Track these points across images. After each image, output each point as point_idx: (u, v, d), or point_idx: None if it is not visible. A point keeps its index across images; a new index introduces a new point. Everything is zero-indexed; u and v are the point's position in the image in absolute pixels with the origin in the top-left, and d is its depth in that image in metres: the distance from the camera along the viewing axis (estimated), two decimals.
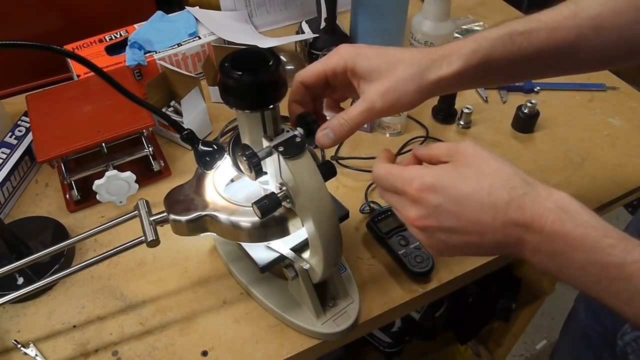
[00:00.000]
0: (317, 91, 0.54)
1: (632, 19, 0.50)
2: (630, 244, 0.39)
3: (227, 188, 0.59)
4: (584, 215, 0.40)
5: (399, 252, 0.67)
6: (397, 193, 0.47)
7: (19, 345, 0.61)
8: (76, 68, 0.87)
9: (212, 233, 0.57)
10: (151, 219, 0.56)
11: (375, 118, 0.49)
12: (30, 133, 0.80)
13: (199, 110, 0.83)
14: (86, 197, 0.76)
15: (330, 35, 0.96)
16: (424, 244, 0.47)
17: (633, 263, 0.38)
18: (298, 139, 0.50)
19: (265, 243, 0.58)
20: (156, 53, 0.90)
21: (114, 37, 0.93)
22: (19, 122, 0.83)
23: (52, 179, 0.81)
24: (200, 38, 0.94)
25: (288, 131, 0.51)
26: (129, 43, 0.90)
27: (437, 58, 0.49)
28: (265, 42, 0.93)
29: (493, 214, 0.42)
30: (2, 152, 0.78)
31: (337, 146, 0.85)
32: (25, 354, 0.61)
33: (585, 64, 0.53)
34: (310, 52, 0.97)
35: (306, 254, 0.58)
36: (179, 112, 0.86)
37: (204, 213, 0.55)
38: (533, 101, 0.85)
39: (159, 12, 0.98)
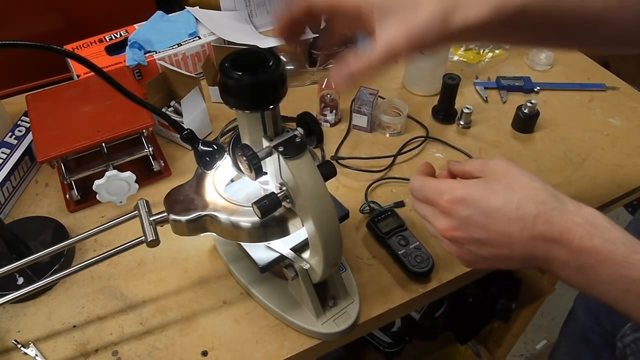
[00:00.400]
0: (318, 19, 0.51)
1: None
2: None
3: (227, 188, 0.59)
4: (613, 231, 0.41)
5: (399, 252, 0.67)
6: (429, 204, 0.48)
7: (19, 345, 0.61)
8: (76, 68, 0.87)
9: (212, 233, 0.57)
10: (151, 219, 0.56)
11: (394, 61, 0.45)
12: (30, 133, 0.80)
13: (199, 110, 0.83)
14: (86, 197, 0.76)
15: None
16: (454, 255, 0.48)
17: None
18: (298, 139, 0.50)
19: (265, 243, 0.58)
20: (156, 53, 0.90)
21: (114, 37, 0.93)
22: (19, 122, 0.83)
23: (52, 179, 0.81)
24: (200, 38, 0.94)
25: (288, 131, 0.51)
26: (129, 43, 0.90)
27: (463, 2, 0.44)
28: (265, 42, 0.93)
29: (521, 227, 0.43)
30: (2, 152, 0.78)
31: (337, 146, 0.85)
32: (25, 354, 0.61)
33: (609, 39, 0.51)
34: (310, 52, 0.97)
35: (306, 254, 0.58)
36: (179, 112, 0.86)
37: (204, 213, 0.55)
38: (533, 101, 0.85)
39: (159, 12, 0.98)
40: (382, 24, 0.44)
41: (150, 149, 0.78)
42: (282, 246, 0.58)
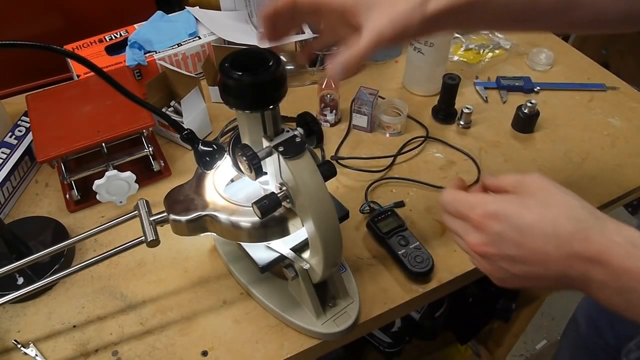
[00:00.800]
0: (303, 18, 0.53)
1: None
2: None
3: (227, 188, 0.59)
4: None
5: (399, 252, 0.67)
6: (461, 218, 0.47)
7: (19, 345, 0.61)
8: (76, 68, 0.87)
9: (212, 233, 0.57)
10: (151, 219, 0.56)
11: (382, 47, 0.48)
12: (30, 133, 0.80)
13: (199, 110, 0.83)
14: (86, 197, 0.76)
15: None
16: (485, 272, 0.47)
17: None
18: (298, 139, 0.49)
19: (265, 243, 0.58)
20: (156, 53, 0.90)
21: (114, 37, 0.93)
22: (19, 122, 0.83)
23: (52, 179, 0.81)
24: (200, 38, 0.94)
25: (288, 131, 0.51)
26: (129, 43, 0.90)
27: None
28: (265, 42, 0.93)
29: (556, 245, 0.41)
30: (2, 152, 0.78)
31: (337, 146, 0.85)
32: (25, 354, 0.61)
33: (582, 20, 0.51)
34: None
35: (306, 254, 0.58)
36: (179, 112, 0.86)
37: (204, 213, 0.55)
38: (533, 101, 0.85)
39: (159, 12, 0.98)
40: (368, 16, 0.47)
41: (150, 149, 0.78)
42: (282, 246, 0.58)
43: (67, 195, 0.77)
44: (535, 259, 0.42)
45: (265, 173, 0.52)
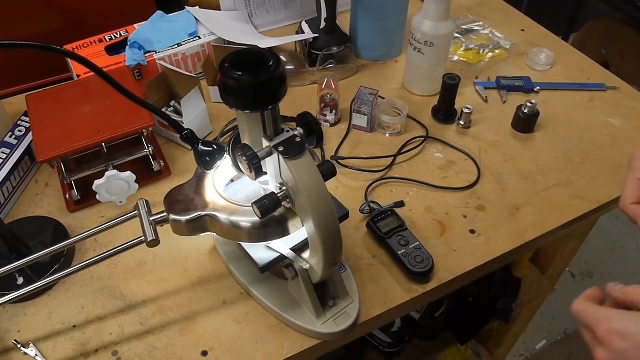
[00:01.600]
0: None
1: None
2: None
3: (227, 188, 0.59)
4: None
5: (399, 252, 0.67)
6: (589, 330, 0.48)
7: (19, 345, 0.61)
8: (76, 68, 0.87)
9: (212, 233, 0.57)
10: (151, 219, 0.56)
11: None
12: (30, 133, 0.80)
13: (199, 110, 0.83)
14: (86, 197, 0.76)
15: (330, 35, 0.96)
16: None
17: None
18: (298, 139, 0.49)
19: (265, 243, 0.58)
20: (156, 53, 0.90)
21: (114, 37, 0.93)
22: (19, 122, 0.83)
23: (52, 179, 0.81)
24: (200, 38, 0.94)
25: (288, 131, 0.51)
26: (129, 43, 0.90)
27: None
28: (265, 42, 0.93)
29: None
30: (2, 152, 0.78)
31: (337, 146, 0.85)
32: (25, 354, 0.61)
33: None
34: (310, 52, 0.97)
35: (306, 254, 0.58)
36: (179, 112, 0.86)
37: (204, 213, 0.55)
38: (533, 101, 0.85)
39: (159, 12, 0.98)
40: None
41: (150, 149, 0.78)
42: (282, 246, 0.58)
43: (67, 195, 0.77)
44: None
45: (265, 173, 0.52)
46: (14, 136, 0.81)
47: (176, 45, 0.92)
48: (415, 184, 0.79)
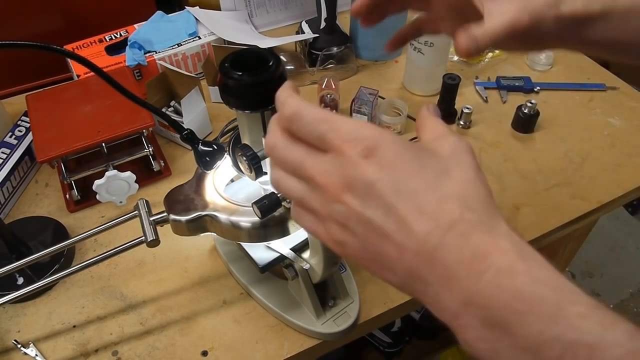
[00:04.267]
0: None
1: None
2: (608, 317, 0.27)
3: (227, 188, 0.59)
4: (546, 270, 0.28)
5: None
6: (314, 143, 0.33)
7: (19, 345, 0.61)
8: (76, 68, 0.87)
9: (212, 233, 0.57)
10: (151, 219, 0.56)
11: (514, 36, 0.43)
12: (30, 133, 0.80)
13: (199, 110, 0.83)
14: (86, 197, 0.76)
15: (330, 35, 0.96)
16: (318, 234, 0.34)
17: (615, 346, 0.26)
18: None
19: (265, 243, 0.58)
20: (156, 53, 0.90)
21: (114, 37, 0.93)
22: (19, 122, 0.83)
23: (52, 179, 0.81)
24: (200, 38, 0.94)
25: None
26: (129, 43, 0.90)
27: None
28: (265, 42, 0.93)
29: (428, 229, 0.29)
30: (2, 152, 0.78)
31: None
32: (25, 354, 0.61)
33: None
34: (310, 52, 0.97)
35: (306, 254, 0.58)
36: (179, 112, 0.86)
37: (204, 213, 0.55)
38: (533, 101, 0.85)
39: (159, 12, 0.98)
40: (498, 1, 0.44)
41: (150, 149, 0.78)
42: (282, 246, 0.58)
43: (67, 195, 0.77)
44: (396, 236, 0.30)
45: (265, 173, 0.52)
46: (14, 136, 0.81)
47: (176, 45, 0.92)
48: None
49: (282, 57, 0.86)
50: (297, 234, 0.56)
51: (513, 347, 0.27)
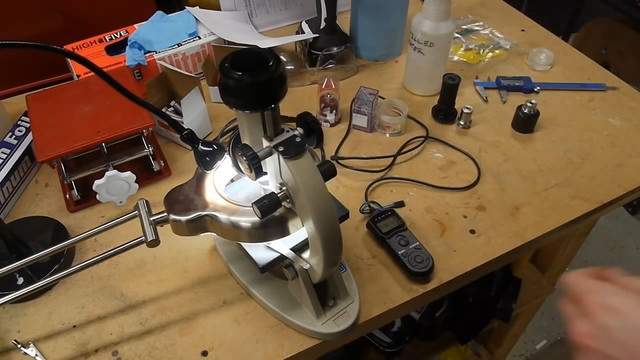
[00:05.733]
0: None
1: None
2: None
3: (227, 188, 0.59)
4: None
5: (399, 252, 0.67)
6: (575, 302, 0.43)
7: (19, 345, 0.61)
8: (76, 68, 0.87)
9: (212, 233, 0.57)
10: (151, 219, 0.56)
11: None
12: (30, 133, 0.80)
13: (199, 110, 0.83)
14: (86, 197, 0.76)
15: (330, 35, 0.96)
16: (574, 335, 0.42)
17: None
18: (298, 139, 0.49)
19: (265, 243, 0.58)
20: (156, 53, 0.90)
21: (114, 37, 0.93)
22: (19, 122, 0.83)
23: (52, 179, 0.81)
24: (200, 38, 0.94)
25: (288, 131, 0.51)
26: (129, 43, 0.90)
27: None
28: (265, 42, 0.93)
29: None
30: (2, 152, 0.78)
31: (337, 146, 0.85)
32: (25, 354, 0.61)
33: None
34: (310, 52, 0.97)
35: (306, 254, 0.58)
36: (179, 112, 0.86)
37: (204, 213, 0.55)
38: (533, 101, 0.85)
39: (159, 12, 0.98)
40: None
41: (150, 149, 0.78)
42: (282, 246, 0.58)
43: (67, 195, 0.77)
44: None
45: (265, 173, 0.52)
46: (14, 136, 0.81)
47: (176, 45, 0.92)
48: (415, 184, 0.79)
49: (282, 57, 0.86)
50: (297, 234, 0.56)
51: None
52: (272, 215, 0.52)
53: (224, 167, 0.57)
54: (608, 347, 0.38)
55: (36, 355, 0.60)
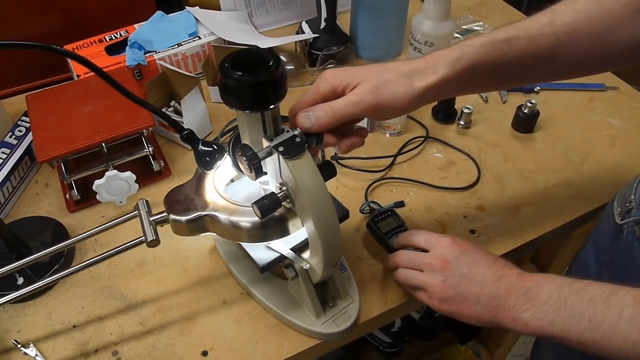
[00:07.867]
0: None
1: (605, 26, 0.51)
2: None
3: (227, 188, 0.59)
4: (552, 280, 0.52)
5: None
6: (418, 267, 0.60)
7: (19, 345, 0.61)
8: (76, 68, 0.87)
9: (212, 233, 0.57)
10: (151, 219, 0.56)
11: (364, 113, 0.51)
12: (30, 133, 0.80)
13: (199, 110, 0.83)
14: (86, 197, 0.76)
15: (330, 35, 0.96)
16: (433, 289, 0.57)
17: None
18: (298, 139, 0.50)
19: (265, 243, 0.58)
20: (156, 53, 0.90)
21: (114, 37, 0.93)
22: (19, 122, 0.83)
23: (52, 179, 0.81)
24: (200, 38, 0.94)
25: (288, 131, 0.51)
26: (129, 43, 0.90)
27: (422, 68, 0.51)
28: (265, 42, 0.93)
29: (493, 269, 0.55)
30: (2, 152, 0.78)
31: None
32: (25, 354, 0.61)
33: (563, 69, 0.56)
34: (310, 52, 0.97)
35: (306, 254, 0.58)
36: (179, 112, 0.86)
37: (204, 213, 0.55)
38: (533, 101, 0.85)
39: (159, 12, 0.98)
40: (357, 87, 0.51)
41: (150, 149, 0.77)
42: (282, 246, 0.58)
43: (67, 195, 0.77)
44: (479, 279, 0.55)
45: (265, 173, 0.52)
46: (14, 136, 0.81)
47: (176, 45, 0.92)
48: (415, 184, 0.79)
49: (282, 57, 0.86)
50: (297, 234, 0.56)
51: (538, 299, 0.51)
52: (272, 215, 0.52)
53: (224, 167, 0.57)
54: (459, 266, 0.56)
55: (36, 355, 0.60)
